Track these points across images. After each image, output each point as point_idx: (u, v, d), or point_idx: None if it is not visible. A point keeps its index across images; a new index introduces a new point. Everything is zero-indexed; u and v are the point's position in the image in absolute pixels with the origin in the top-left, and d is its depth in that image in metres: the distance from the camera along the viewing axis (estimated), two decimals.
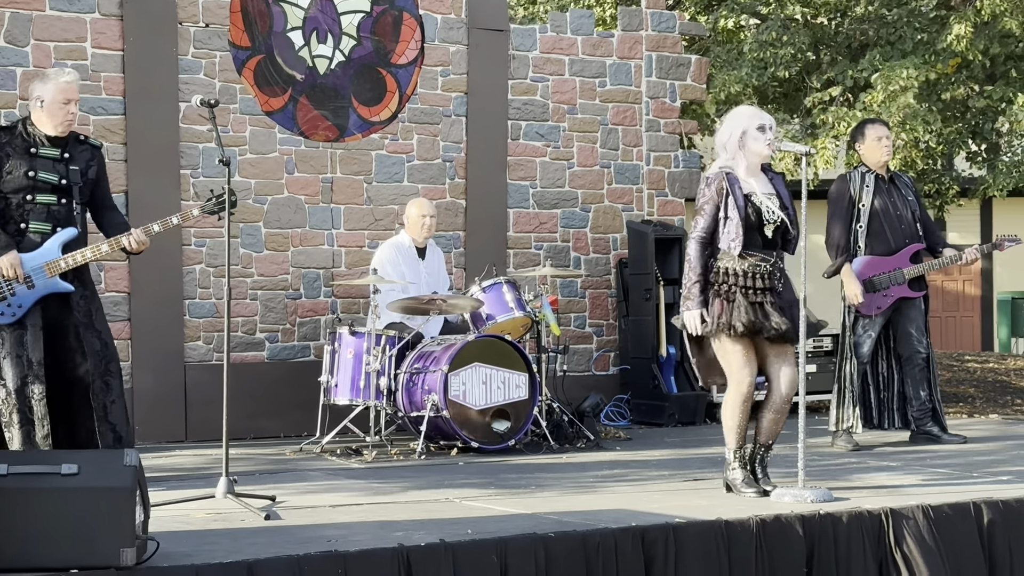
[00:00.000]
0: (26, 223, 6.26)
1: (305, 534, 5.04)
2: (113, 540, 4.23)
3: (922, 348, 8.17)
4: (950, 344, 20.07)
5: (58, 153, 6.35)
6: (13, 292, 6.18)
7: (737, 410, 6.00)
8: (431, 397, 7.84)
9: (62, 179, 6.32)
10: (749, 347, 5.99)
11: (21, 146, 6.29)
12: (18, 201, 6.25)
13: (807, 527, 5.35)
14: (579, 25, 10.29)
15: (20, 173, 6.24)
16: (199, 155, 8.91)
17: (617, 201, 10.38)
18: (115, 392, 6.44)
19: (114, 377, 6.45)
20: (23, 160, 6.26)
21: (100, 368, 6.39)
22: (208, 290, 8.96)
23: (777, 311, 5.96)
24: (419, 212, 8.74)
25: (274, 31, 9.18)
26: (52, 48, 8.55)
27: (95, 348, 6.39)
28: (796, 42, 11.29)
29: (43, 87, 6.33)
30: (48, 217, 6.29)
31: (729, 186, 5.98)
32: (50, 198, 6.30)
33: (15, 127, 6.38)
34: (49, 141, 6.33)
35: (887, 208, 8.06)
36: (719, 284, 5.99)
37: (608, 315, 10.34)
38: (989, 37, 11.04)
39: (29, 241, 6.25)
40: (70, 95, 6.34)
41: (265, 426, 8.89)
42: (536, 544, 4.86)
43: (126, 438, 6.44)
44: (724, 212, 5.98)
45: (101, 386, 6.39)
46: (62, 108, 6.32)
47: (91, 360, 6.37)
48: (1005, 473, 6.81)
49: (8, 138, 6.32)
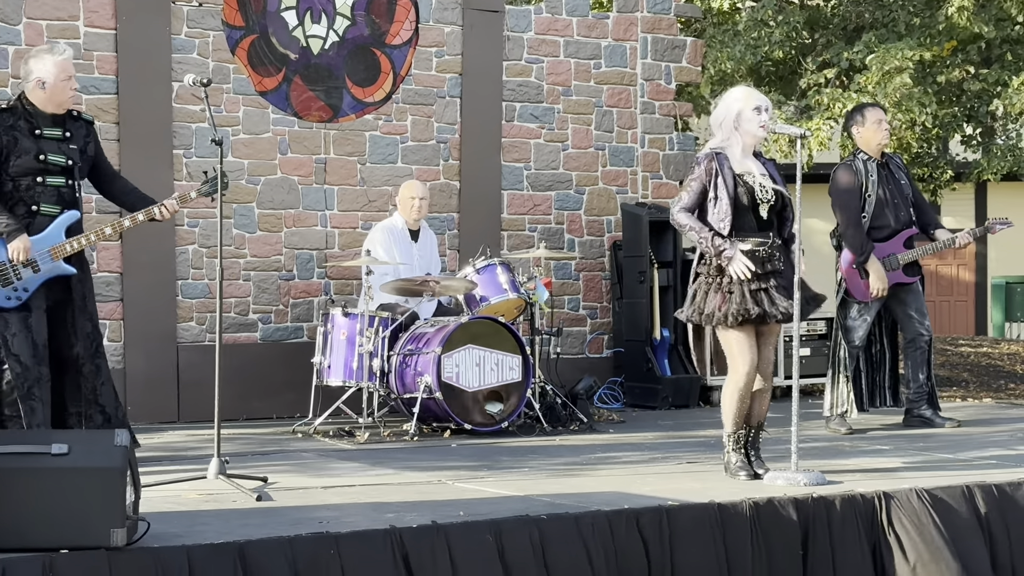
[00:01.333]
0: (37, 205, 6.24)
1: (297, 515, 5.03)
2: (103, 520, 4.22)
3: (924, 331, 8.17)
4: (944, 328, 20.08)
5: (60, 133, 6.33)
6: (19, 276, 6.16)
7: (736, 396, 5.98)
8: (424, 379, 7.82)
9: (68, 159, 6.32)
10: (751, 333, 5.96)
11: (26, 128, 6.26)
12: (28, 183, 6.23)
13: (800, 510, 5.35)
14: (574, 6, 10.26)
15: (30, 156, 6.21)
16: (192, 135, 8.88)
17: (612, 183, 10.35)
18: (104, 375, 6.44)
19: (103, 359, 6.46)
20: (30, 142, 6.24)
21: (90, 351, 6.39)
22: (201, 271, 8.93)
23: (782, 293, 5.92)
24: (410, 194, 8.71)
25: (268, 11, 9.13)
26: (44, 27, 8.50)
27: (86, 331, 6.39)
28: (791, 21, 11.25)
29: (42, 67, 6.26)
30: (58, 199, 6.28)
31: (719, 166, 5.96)
32: (59, 180, 6.29)
33: (16, 108, 6.32)
34: (52, 121, 6.31)
35: (887, 195, 8.03)
36: (718, 276, 5.96)
37: (602, 298, 10.32)
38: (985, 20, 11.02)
39: (39, 223, 6.23)
40: (70, 71, 6.34)
41: (257, 407, 8.87)
42: (529, 526, 4.86)
43: (115, 419, 6.43)
44: (713, 192, 5.96)
45: (91, 369, 6.39)
46: (66, 84, 6.30)
47: (82, 343, 6.36)
48: (997, 457, 6.81)
49: (12, 120, 6.26)
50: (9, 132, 6.23)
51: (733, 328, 5.92)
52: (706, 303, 5.97)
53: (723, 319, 5.90)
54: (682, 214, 5.99)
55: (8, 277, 6.14)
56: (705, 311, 5.97)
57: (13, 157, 6.21)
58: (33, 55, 6.39)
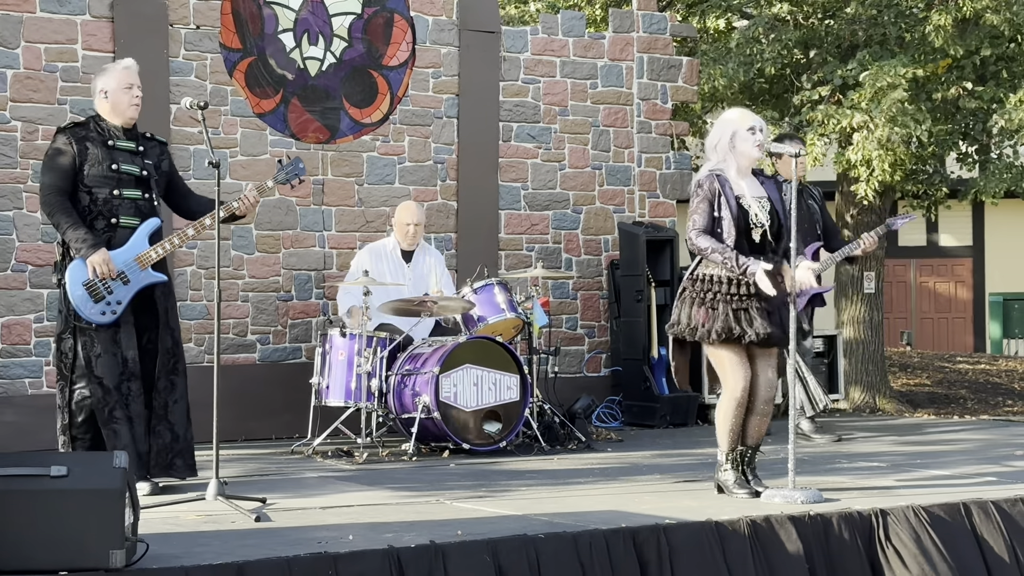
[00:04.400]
0: (116, 218, 6.31)
1: (295, 536, 5.03)
2: (102, 542, 4.23)
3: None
4: (942, 345, 20.10)
5: (133, 146, 6.44)
6: (110, 290, 6.21)
7: (731, 413, 6.00)
8: (422, 399, 7.83)
9: (142, 171, 6.39)
10: (741, 351, 5.99)
11: (98, 139, 6.35)
12: (105, 196, 6.30)
13: (798, 528, 5.35)
14: (570, 27, 10.30)
15: (104, 166, 6.29)
16: (190, 157, 8.90)
17: (608, 203, 10.38)
18: (179, 391, 6.43)
19: (179, 376, 6.46)
20: (103, 152, 6.32)
21: (168, 366, 6.41)
22: (199, 292, 8.96)
23: (763, 316, 5.94)
24: (404, 220, 8.72)
25: (265, 33, 9.18)
26: (43, 50, 8.53)
27: (167, 346, 6.41)
28: (783, 39, 11.28)
29: (104, 79, 6.43)
30: (136, 212, 6.36)
31: (720, 186, 5.99)
32: (135, 192, 6.36)
33: (88, 122, 6.44)
34: (124, 134, 6.40)
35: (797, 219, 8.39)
36: (704, 292, 5.99)
37: (600, 316, 10.34)
38: (980, 37, 11.04)
39: (121, 235, 6.29)
40: (132, 79, 6.43)
41: (256, 428, 8.88)
42: (527, 545, 4.86)
43: (183, 439, 6.42)
44: (717, 211, 5.99)
45: (166, 384, 6.40)
46: (127, 92, 6.40)
47: (161, 357, 6.38)
48: (994, 474, 6.82)
49: (84, 132, 6.37)
50: (81, 142, 6.33)
51: (720, 346, 5.95)
52: (692, 317, 6.00)
53: (707, 335, 5.94)
54: (702, 238, 5.94)
55: (99, 292, 6.18)
56: (691, 324, 6.00)
57: (87, 166, 6.29)
58: (99, 71, 6.57)
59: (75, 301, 6.21)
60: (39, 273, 8.37)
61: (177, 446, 6.39)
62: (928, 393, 13.01)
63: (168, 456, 6.38)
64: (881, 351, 12.12)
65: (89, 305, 6.21)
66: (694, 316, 6.00)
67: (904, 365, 15.15)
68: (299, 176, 6.73)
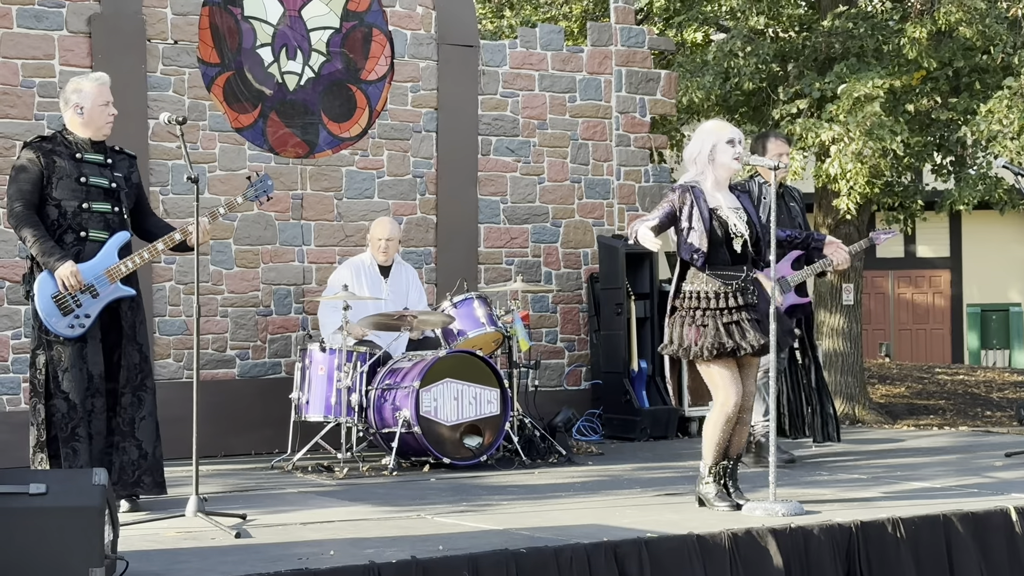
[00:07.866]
0: (85, 231, 6.28)
1: (276, 552, 5.02)
2: (82, 560, 4.21)
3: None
4: (920, 356, 20.17)
5: (102, 159, 6.41)
6: (79, 303, 6.17)
7: (720, 428, 6.01)
8: (402, 413, 7.82)
9: (111, 183, 6.36)
10: (731, 365, 6.00)
11: (66, 152, 6.32)
12: (74, 209, 6.26)
13: (779, 541, 5.36)
14: (549, 40, 10.32)
15: (72, 179, 6.26)
16: (168, 172, 8.89)
17: (588, 216, 10.39)
18: (147, 408, 6.40)
19: (147, 392, 6.42)
20: (71, 165, 6.29)
21: (135, 381, 6.36)
22: (178, 307, 8.93)
23: (754, 326, 5.97)
24: (377, 235, 8.72)
25: (243, 47, 9.17)
26: (20, 65, 8.51)
27: (133, 361, 6.37)
28: (760, 53, 11.33)
29: (79, 95, 6.36)
30: (105, 225, 6.32)
31: (695, 198, 6.01)
32: (104, 206, 6.32)
33: (55, 136, 6.42)
34: (91, 146, 6.37)
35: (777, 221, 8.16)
36: (693, 309, 6.00)
37: (579, 330, 10.35)
38: (953, 49, 11.12)
39: (90, 248, 6.26)
40: (108, 96, 6.41)
41: (236, 443, 8.85)
42: (508, 560, 4.86)
43: (151, 456, 6.37)
44: (688, 223, 6.00)
45: (132, 400, 6.36)
46: (103, 110, 6.37)
47: (126, 372, 6.34)
48: (975, 485, 6.84)
49: (51, 146, 6.34)
50: (48, 155, 6.29)
51: (712, 361, 5.97)
52: (683, 337, 6.02)
53: (699, 353, 5.95)
54: (644, 230, 5.94)
55: (68, 305, 6.15)
56: (683, 345, 6.02)
57: (55, 179, 6.26)
58: (71, 83, 6.48)
59: (43, 313, 6.16)
60: (16, 289, 8.33)
61: (145, 463, 6.35)
62: (907, 404, 13.05)
63: (135, 473, 6.33)
64: (860, 362, 12.15)
65: (57, 317, 6.17)
66: (685, 336, 6.02)
67: (883, 376, 15.20)
68: (267, 193, 6.74)
